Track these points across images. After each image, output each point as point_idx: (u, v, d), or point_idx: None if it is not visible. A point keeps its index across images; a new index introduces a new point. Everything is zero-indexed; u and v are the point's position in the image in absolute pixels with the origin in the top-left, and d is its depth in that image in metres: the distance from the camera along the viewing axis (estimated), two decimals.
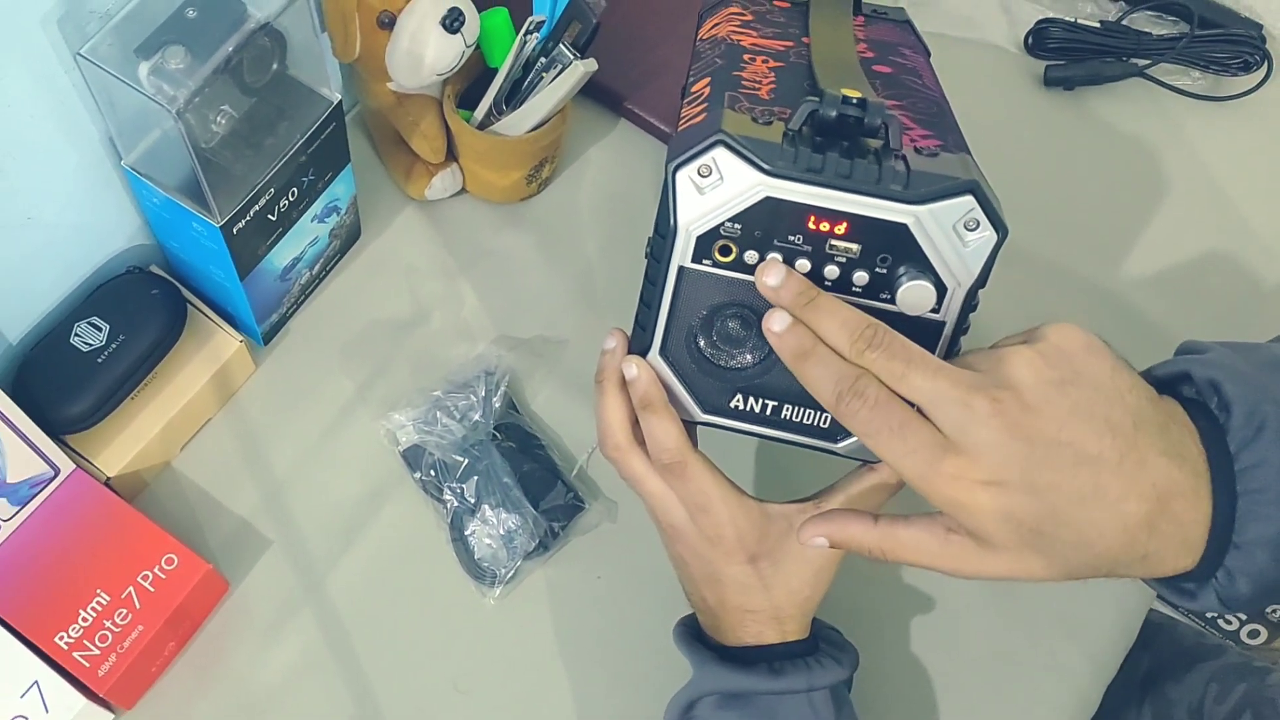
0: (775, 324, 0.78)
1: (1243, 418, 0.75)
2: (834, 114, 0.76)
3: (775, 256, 0.80)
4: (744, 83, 0.85)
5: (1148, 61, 1.38)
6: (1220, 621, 1.62)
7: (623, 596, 1.10)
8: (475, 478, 1.11)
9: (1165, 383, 0.81)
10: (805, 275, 0.80)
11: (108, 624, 0.98)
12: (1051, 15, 1.41)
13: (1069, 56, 1.39)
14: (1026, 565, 0.75)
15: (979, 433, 0.71)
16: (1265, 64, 1.39)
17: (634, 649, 1.07)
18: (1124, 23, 1.41)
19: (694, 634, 0.96)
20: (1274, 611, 1.60)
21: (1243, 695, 1.15)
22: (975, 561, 0.76)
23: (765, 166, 0.77)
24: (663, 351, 0.86)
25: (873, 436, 0.74)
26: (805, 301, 0.77)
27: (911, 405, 0.74)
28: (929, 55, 0.99)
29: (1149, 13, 1.42)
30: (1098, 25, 1.40)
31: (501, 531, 1.09)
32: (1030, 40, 1.41)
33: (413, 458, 1.13)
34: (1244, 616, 1.62)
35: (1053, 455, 0.72)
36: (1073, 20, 1.40)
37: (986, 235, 0.77)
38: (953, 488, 0.72)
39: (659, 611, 1.01)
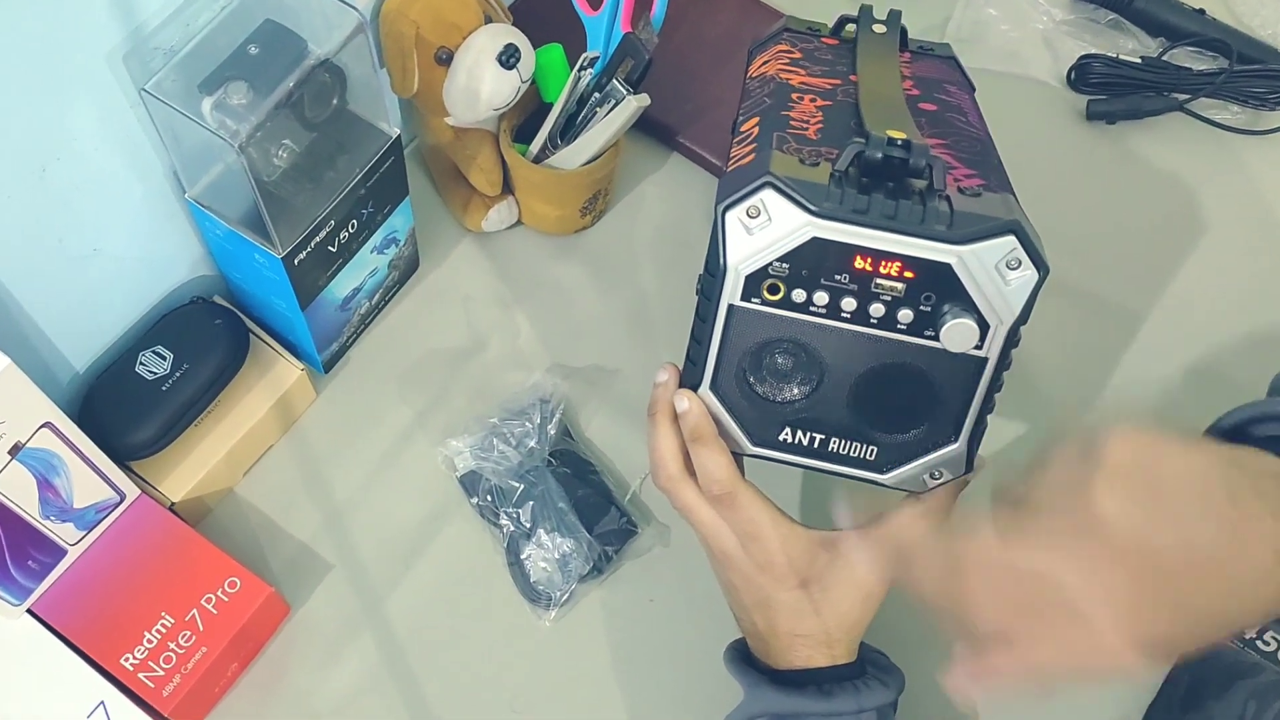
0: None
1: None
2: (879, 156, 0.78)
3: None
4: (792, 122, 0.87)
5: (1188, 96, 1.37)
6: (1259, 642, 1.62)
7: (675, 619, 1.10)
8: (531, 503, 1.11)
9: (1240, 426, 0.83)
10: (851, 313, 0.82)
11: (172, 645, 0.99)
12: (1094, 51, 1.40)
13: (1111, 91, 1.38)
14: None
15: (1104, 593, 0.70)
16: None
17: (686, 671, 1.07)
18: (1165, 58, 1.39)
19: (744, 657, 0.96)
20: None
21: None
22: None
23: (812, 208, 0.78)
24: (713, 386, 0.87)
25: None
26: None
27: None
28: (974, 91, 1.00)
29: (1189, 48, 1.40)
30: (1139, 61, 1.38)
31: (556, 555, 1.10)
32: (1073, 75, 1.40)
33: (470, 483, 1.14)
34: None
35: (1166, 564, 0.70)
36: (1115, 56, 1.38)
37: (1028, 274, 0.78)
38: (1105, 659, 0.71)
39: (710, 633, 1.01)
